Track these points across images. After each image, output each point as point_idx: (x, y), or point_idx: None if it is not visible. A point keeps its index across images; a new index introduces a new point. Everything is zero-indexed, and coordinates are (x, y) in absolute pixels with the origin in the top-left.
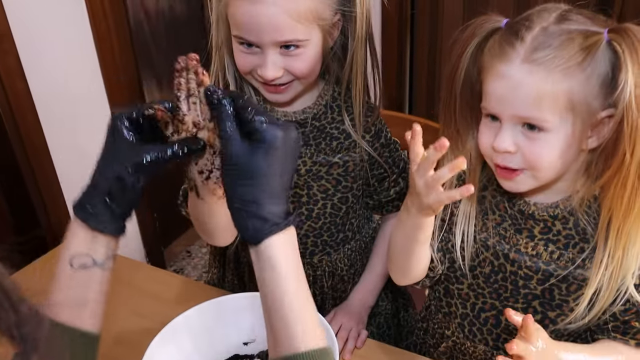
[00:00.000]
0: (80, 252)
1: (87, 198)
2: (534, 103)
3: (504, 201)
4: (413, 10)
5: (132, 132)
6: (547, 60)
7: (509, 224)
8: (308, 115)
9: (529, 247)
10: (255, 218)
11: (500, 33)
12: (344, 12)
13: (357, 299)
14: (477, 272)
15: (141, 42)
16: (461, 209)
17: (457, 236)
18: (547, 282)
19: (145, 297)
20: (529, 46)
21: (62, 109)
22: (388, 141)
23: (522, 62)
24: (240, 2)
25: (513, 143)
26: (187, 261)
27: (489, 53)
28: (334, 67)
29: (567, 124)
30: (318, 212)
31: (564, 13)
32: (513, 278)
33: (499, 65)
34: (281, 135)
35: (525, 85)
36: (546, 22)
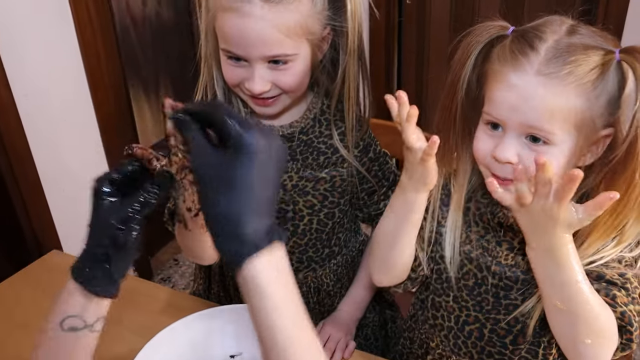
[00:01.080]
0: (72, 314)
1: (85, 262)
2: (545, 115)
3: (486, 213)
4: (400, 18)
5: (114, 192)
6: (563, 75)
7: (492, 235)
8: (295, 129)
9: (509, 258)
10: (232, 239)
11: (511, 41)
12: (334, 26)
13: (345, 311)
14: (462, 285)
15: (127, 48)
16: (449, 220)
17: (447, 248)
18: (527, 291)
19: (130, 309)
20: (543, 58)
21: (46, 115)
22: (377, 155)
23: (537, 73)
24: (228, 15)
25: (516, 153)
26: (174, 269)
27: (498, 61)
28: (323, 80)
29: (571, 140)
30: (304, 228)
31: (573, 26)
32: (495, 290)
33: (511, 74)
34: (260, 140)
35: (538, 97)
36: (558, 34)
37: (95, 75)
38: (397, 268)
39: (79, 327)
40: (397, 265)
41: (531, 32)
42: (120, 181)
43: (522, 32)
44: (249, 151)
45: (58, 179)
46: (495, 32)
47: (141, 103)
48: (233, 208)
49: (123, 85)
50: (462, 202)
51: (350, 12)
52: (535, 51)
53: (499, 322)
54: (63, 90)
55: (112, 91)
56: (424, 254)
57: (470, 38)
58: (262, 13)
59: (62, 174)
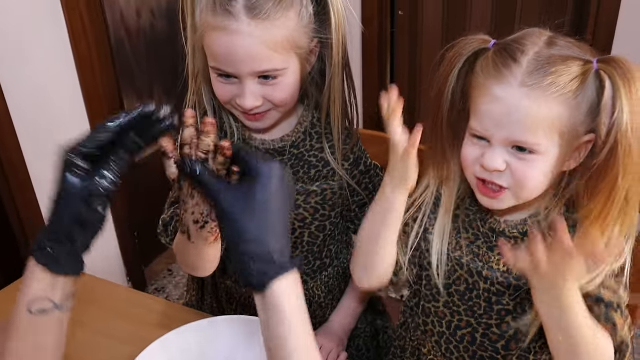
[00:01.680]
0: (39, 297)
1: (48, 242)
2: (529, 128)
3: (476, 220)
4: (393, 29)
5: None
6: (545, 85)
7: (482, 241)
8: (286, 143)
9: (501, 264)
10: (260, 260)
11: (493, 53)
12: (320, 39)
13: (337, 322)
14: (453, 290)
15: (122, 60)
16: (437, 227)
17: (434, 255)
18: (519, 296)
19: (124, 321)
20: (525, 70)
21: (41, 126)
22: (368, 167)
23: (520, 85)
24: (216, 34)
25: (503, 162)
26: (168, 280)
27: (482, 74)
28: (312, 92)
29: (556, 148)
30: (295, 241)
31: (552, 38)
32: (487, 295)
33: (495, 86)
34: (275, 167)
35: (523, 109)
36: (538, 46)
37: (90, 86)
38: (377, 268)
39: (48, 309)
40: (377, 265)
41: (512, 45)
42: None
43: (503, 45)
44: (267, 177)
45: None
46: (477, 45)
47: None
48: (262, 231)
49: (118, 97)
50: (451, 208)
51: (334, 25)
52: (517, 63)
53: (491, 327)
54: (58, 102)
55: (107, 102)
56: (406, 259)
57: (453, 52)
58: (250, 30)
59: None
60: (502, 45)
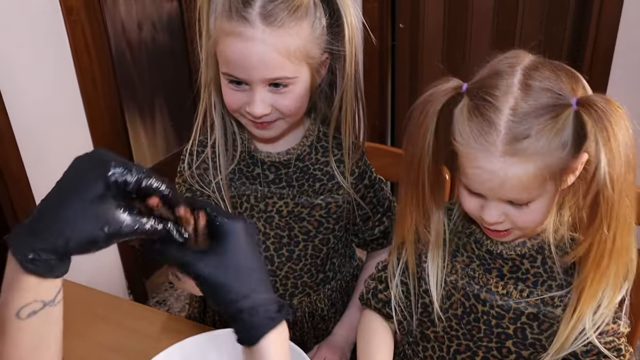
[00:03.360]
0: (28, 302)
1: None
2: (519, 189)
3: (470, 243)
4: (394, 42)
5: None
6: (529, 149)
7: (477, 264)
8: (292, 156)
9: (499, 286)
10: (248, 316)
11: (468, 112)
12: (332, 51)
13: (341, 335)
14: (450, 315)
15: (123, 72)
16: (430, 254)
17: (430, 282)
18: (519, 320)
19: (125, 334)
20: (504, 137)
21: (42, 139)
22: (372, 181)
23: (502, 154)
24: (230, 40)
25: (502, 214)
26: (169, 292)
27: (462, 137)
28: (321, 105)
29: (550, 188)
30: (299, 254)
31: (527, 74)
32: (485, 318)
33: (477, 155)
34: (240, 224)
35: (510, 177)
36: (512, 97)
37: (91, 98)
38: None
39: (38, 309)
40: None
41: (484, 100)
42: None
43: (476, 94)
44: (236, 234)
45: None
46: (449, 94)
47: (136, 126)
48: (244, 288)
49: (119, 109)
50: (441, 235)
51: (347, 38)
52: (495, 129)
53: (491, 350)
54: (59, 114)
55: (108, 114)
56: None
57: (425, 106)
58: (264, 37)
59: None
60: (474, 93)
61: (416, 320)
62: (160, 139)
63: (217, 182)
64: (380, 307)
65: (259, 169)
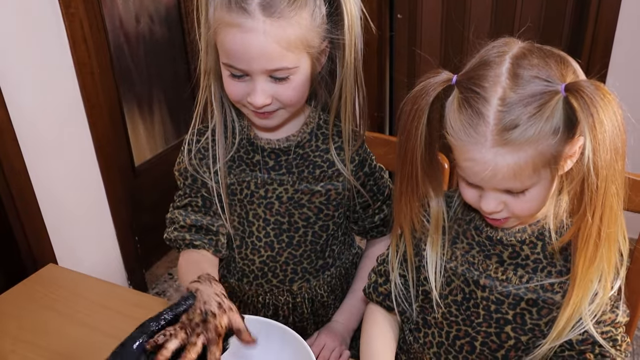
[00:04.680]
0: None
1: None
2: (513, 178)
3: (470, 229)
4: (392, 32)
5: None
6: (519, 138)
7: (477, 250)
8: (292, 143)
9: (499, 272)
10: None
11: (458, 105)
12: (331, 39)
13: (340, 322)
14: (449, 301)
15: (121, 65)
16: (429, 241)
17: (429, 268)
18: (518, 306)
19: (126, 321)
20: (494, 128)
21: (42, 132)
22: (373, 169)
23: (493, 145)
24: (230, 31)
25: (499, 203)
26: (169, 283)
27: (453, 129)
28: (321, 93)
29: (546, 175)
30: (299, 240)
31: (515, 66)
32: (485, 304)
33: (468, 147)
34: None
35: (502, 166)
36: (501, 87)
37: (90, 91)
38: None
39: None
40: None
41: (473, 92)
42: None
43: (466, 85)
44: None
45: (53, 194)
46: (439, 87)
47: (135, 119)
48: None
49: (117, 102)
50: (440, 222)
51: (347, 26)
52: (484, 120)
53: (490, 335)
54: (58, 107)
55: (107, 107)
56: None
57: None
58: (264, 27)
59: (57, 189)
60: (464, 85)
61: (417, 308)
62: (159, 132)
63: (216, 170)
64: (381, 301)
65: (259, 155)
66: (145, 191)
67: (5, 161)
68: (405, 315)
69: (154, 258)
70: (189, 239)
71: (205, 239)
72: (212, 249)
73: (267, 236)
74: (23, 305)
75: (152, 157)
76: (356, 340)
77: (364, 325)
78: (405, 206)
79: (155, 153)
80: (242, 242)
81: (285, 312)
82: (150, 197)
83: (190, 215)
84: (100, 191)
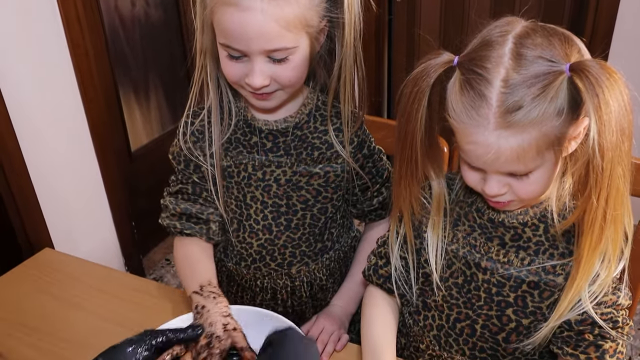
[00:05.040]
0: None
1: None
2: (517, 161)
3: (471, 212)
4: (390, 16)
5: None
6: (522, 120)
7: (479, 233)
8: (290, 124)
9: (501, 254)
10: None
11: (459, 87)
12: (330, 18)
13: (339, 306)
14: (450, 284)
15: (116, 48)
16: (430, 224)
17: (430, 251)
18: (520, 288)
19: (123, 305)
20: (496, 110)
21: (36, 114)
22: (371, 151)
23: (495, 128)
24: (227, 10)
25: (503, 186)
26: (166, 269)
27: (454, 112)
28: (320, 73)
29: (550, 157)
30: (297, 223)
31: (518, 46)
32: (486, 286)
33: (471, 131)
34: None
35: (505, 149)
36: (504, 68)
37: (85, 74)
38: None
39: None
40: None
41: (475, 73)
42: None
43: (468, 67)
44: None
45: (49, 177)
46: (441, 69)
47: (131, 102)
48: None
49: (112, 85)
50: (442, 204)
51: (347, 5)
52: (486, 102)
53: (491, 318)
54: (53, 90)
55: (102, 90)
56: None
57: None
58: (262, 6)
59: (52, 173)
60: (465, 67)
61: (417, 290)
62: (155, 116)
63: (212, 153)
64: (381, 283)
65: (257, 137)
66: (141, 177)
67: (0, 144)
68: (406, 298)
69: (151, 244)
70: (180, 228)
71: (196, 227)
72: (204, 237)
73: (265, 219)
74: (19, 289)
75: (149, 142)
76: (355, 324)
77: (364, 308)
78: (404, 189)
79: (152, 138)
80: (239, 226)
81: (283, 296)
82: (147, 183)
83: (180, 203)
84: (96, 176)
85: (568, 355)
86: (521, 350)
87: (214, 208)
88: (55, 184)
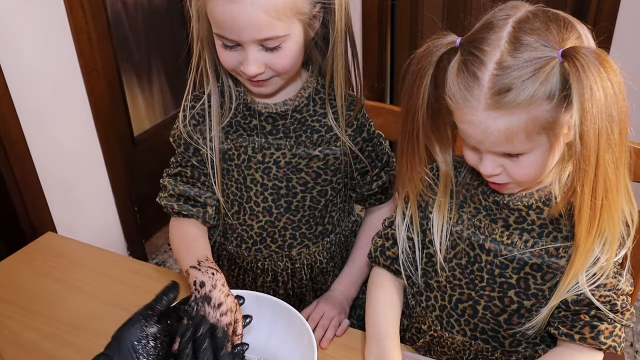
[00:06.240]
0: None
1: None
2: (506, 142)
3: (477, 194)
4: (393, 1)
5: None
6: (512, 102)
7: (484, 215)
8: (289, 107)
9: (505, 236)
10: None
11: (457, 68)
12: (323, 4)
13: (340, 291)
14: (454, 264)
15: (119, 32)
16: (436, 205)
17: (435, 232)
18: (522, 270)
19: (126, 289)
20: (488, 91)
21: (39, 100)
22: (371, 135)
23: (485, 108)
24: (218, 1)
25: (498, 166)
26: (169, 254)
27: (451, 94)
28: (316, 58)
29: (543, 141)
30: (297, 205)
31: (516, 30)
32: (489, 267)
33: (464, 110)
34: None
35: (494, 129)
36: (499, 50)
37: (88, 59)
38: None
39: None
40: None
41: (472, 55)
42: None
43: (466, 52)
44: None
45: (51, 162)
46: (443, 49)
47: (133, 87)
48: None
49: (115, 70)
50: (448, 186)
51: None
52: (478, 83)
53: (493, 299)
54: (56, 75)
55: (105, 75)
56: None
57: (421, 60)
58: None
59: (55, 157)
60: (465, 48)
61: (421, 270)
62: (158, 101)
63: (211, 136)
64: (388, 265)
65: (256, 120)
66: (144, 161)
67: (3, 129)
68: (412, 280)
69: (153, 229)
70: (177, 209)
71: (194, 210)
72: (201, 219)
73: (265, 201)
74: (21, 272)
75: (151, 127)
76: (355, 309)
77: (369, 288)
78: (405, 165)
79: (155, 123)
80: (240, 208)
81: (284, 278)
82: (149, 168)
83: (178, 185)
84: (99, 161)
85: (563, 335)
86: (522, 332)
87: (212, 192)
88: (58, 168)
